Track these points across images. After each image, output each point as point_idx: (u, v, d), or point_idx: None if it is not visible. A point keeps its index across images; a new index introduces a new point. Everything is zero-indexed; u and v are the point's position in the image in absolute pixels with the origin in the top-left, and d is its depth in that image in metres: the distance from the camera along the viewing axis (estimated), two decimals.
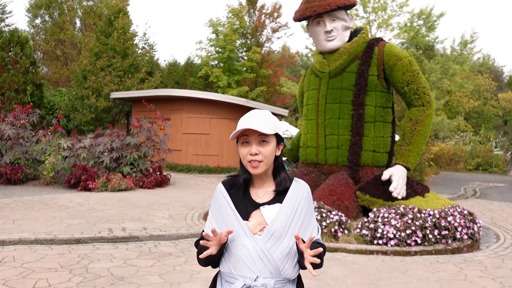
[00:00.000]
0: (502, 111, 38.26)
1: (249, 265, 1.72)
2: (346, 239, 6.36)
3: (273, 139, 1.83)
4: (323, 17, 7.52)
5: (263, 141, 1.80)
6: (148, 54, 24.03)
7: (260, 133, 1.79)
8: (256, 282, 1.70)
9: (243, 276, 1.72)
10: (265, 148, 1.79)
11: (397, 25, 21.79)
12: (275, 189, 1.86)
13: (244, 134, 1.81)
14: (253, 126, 1.76)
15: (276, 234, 1.73)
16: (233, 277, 1.74)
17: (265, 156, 1.79)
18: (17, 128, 12.85)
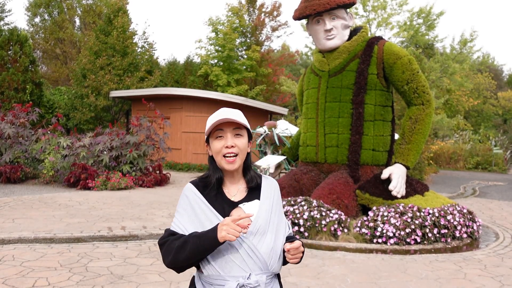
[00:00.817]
0: (502, 110, 38.27)
1: (239, 264, 1.69)
2: (346, 238, 6.36)
3: (246, 134, 1.84)
4: (323, 16, 7.52)
5: (238, 134, 1.81)
6: (147, 53, 24.00)
7: (236, 126, 1.80)
8: (250, 279, 1.68)
9: (234, 276, 1.68)
10: (240, 141, 1.80)
11: (397, 24, 21.77)
12: (246, 187, 1.85)
13: (218, 129, 1.80)
14: (230, 117, 1.77)
15: (260, 230, 1.73)
16: (222, 278, 1.69)
17: (241, 149, 1.79)
18: (17, 127, 12.85)
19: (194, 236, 1.68)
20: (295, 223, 6.47)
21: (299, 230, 6.43)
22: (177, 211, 1.81)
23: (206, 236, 1.66)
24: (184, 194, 1.81)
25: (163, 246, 1.74)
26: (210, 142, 1.85)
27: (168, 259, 1.71)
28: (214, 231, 1.65)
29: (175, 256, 1.69)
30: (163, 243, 1.74)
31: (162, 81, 24.23)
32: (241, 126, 1.82)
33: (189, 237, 1.69)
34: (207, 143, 1.87)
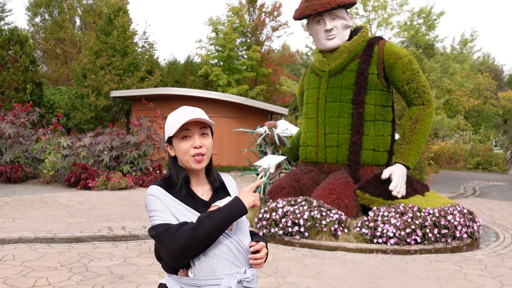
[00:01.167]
0: (502, 110, 38.26)
1: (232, 261, 1.68)
2: (346, 238, 6.36)
3: (210, 133, 1.83)
4: (323, 16, 7.52)
5: (204, 133, 1.78)
6: (148, 53, 24.00)
7: (202, 125, 1.77)
8: (246, 274, 1.69)
9: (228, 274, 1.66)
10: (207, 140, 1.78)
11: (397, 24, 21.77)
12: (211, 187, 1.85)
13: (184, 128, 1.74)
14: (197, 116, 1.73)
15: (240, 224, 1.74)
16: (216, 277, 1.65)
17: (208, 149, 1.78)
18: (17, 126, 12.86)
19: (212, 213, 1.63)
20: (295, 223, 6.48)
21: (299, 230, 6.43)
22: (154, 210, 1.68)
23: (231, 207, 1.65)
24: (153, 196, 1.71)
25: (164, 233, 1.62)
26: (173, 143, 1.78)
27: (178, 243, 1.59)
28: (237, 202, 1.66)
29: (191, 237, 1.59)
30: (164, 231, 1.62)
31: (162, 81, 24.23)
32: (206, 125, 1.79)
33: (202, 217, 1.63)
34: (169, 143, 1.81)
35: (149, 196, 1.72)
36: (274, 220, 6.63)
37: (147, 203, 1.73)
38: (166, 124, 1.79)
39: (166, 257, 1.64)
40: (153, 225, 1.67)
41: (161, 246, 1.63)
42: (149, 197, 1.72)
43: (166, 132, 1.79)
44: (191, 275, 1.68)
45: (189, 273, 1.69)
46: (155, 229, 1.65)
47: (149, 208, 1.71)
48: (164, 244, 1.62)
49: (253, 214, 7.36)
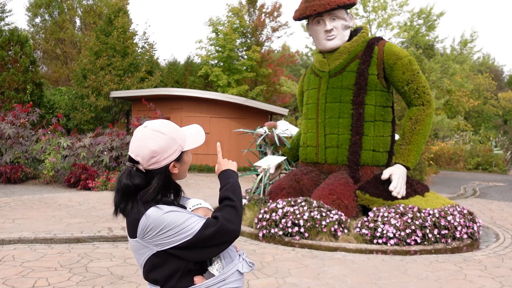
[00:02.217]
0: (502, 111, 38.25)
1: (234, 245, 1.83)
2: (346, 238, 6.36)
3: None
4: (323, 16, 7.52)
5: None
6: (148, 53, 24.02)
7: None
8: (244, 255, 1.86)
9: (237, 258, 1.81)
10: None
11: (397, 24, 21.76)
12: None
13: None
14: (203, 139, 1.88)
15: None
16: (234, 265, 1.78)
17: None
18: (17, 127, 12.86)
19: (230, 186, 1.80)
20: (295, 224, 6.47)
21: (299, 231, 6.42)
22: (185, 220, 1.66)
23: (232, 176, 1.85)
24: (170, 211, 1.67)
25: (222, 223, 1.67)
26: (184, 156, 1.81)
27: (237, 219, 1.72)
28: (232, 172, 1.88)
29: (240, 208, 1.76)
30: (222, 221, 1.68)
31: (162, 82, 24.24)
32: None
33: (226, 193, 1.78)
34: (177, 160, 1.77)
35: (168, 214, 1.65)
36: (274, 220, 6.62)
37: (167, 222, 1.63)
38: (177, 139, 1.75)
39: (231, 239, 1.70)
40: (204, 225, 1.65)
41: (224, 233, 1.67)
42: (168, 215, 1.65)
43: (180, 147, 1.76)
44: (217, 272, 1.73)
45: (214, 271, 1.73)
46: (210, 225, 1.66)
47: (176, 222, 1.64)
48: (227, 229, 1.67)
49: (253, 214, 7.35)
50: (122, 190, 1.71)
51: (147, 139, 1.70)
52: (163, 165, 1.72)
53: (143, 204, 1.68)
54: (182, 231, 1.63)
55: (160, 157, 1.71)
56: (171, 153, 1.72)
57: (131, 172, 1.72)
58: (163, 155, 1.71)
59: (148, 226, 1.64)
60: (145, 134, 1.72)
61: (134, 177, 1.71)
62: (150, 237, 1.65)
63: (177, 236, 1.63)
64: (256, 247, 6.04)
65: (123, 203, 1.72)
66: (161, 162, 1.71)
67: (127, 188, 1.70)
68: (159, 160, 1.71)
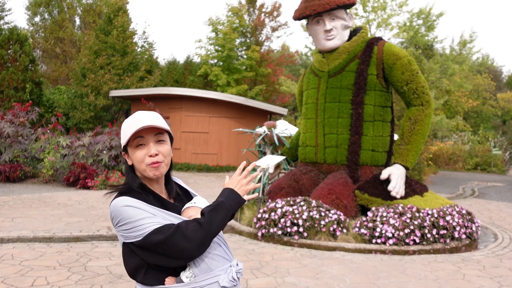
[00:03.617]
0: (501, 111, 38.28)
1: (223, 256, 1.69)
2: (345, 238, 6.37)
3: (168, 139, 1.75)
4: (323, 16, 7.53)
5: (160, 140, 1.70)
6: (147, 53, 24.00)
7: (157, 131, 1.69)
8: (239, 266, 1.70)
9: (222, 269, 1.66)
10: (163, 147, 1.70)
11: (397, 25, 21.79)
12: (170, 195, 1.80)
13: (137, 136, 1.67)
14: (150, 123, 1.65)
15: None
16: (213, 275, 1.64)
17: (165, 155, 1.70)
18: (16, 126, 12.85)
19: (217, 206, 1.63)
20: (294, 223, 6.48)
21: (298, 230, 6.43)
22: (140, 218, 1.58)
23: (231, 198, 1.66)
24: (129, 206, 1.61)
25: (176, 234, 1.56)
26: (129, 151, 1.70)
27: (196, 239, 1.56)
28: (233, 193, 1.67)
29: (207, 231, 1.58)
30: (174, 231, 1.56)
31: (161, 81, 24.23)
32: (162, 131, 1.71)
33: (208, 211, 1.62)
34: (125, 151, 1.72)
35: (124, 208, 1.60)
36: (273, 220, 6.63)
37: (123, 215, 1.59)
38: (121, 132, 1.71)
39: (181, 257, 1.58)
40: (153, 230, 1.56)
41: (173, 247, 1.56)
42: (124, 209, 1.60)
43: (121, 140, 1.70)
44: (187, 280, 1.63)
45: (183, 278, 1.64)
46: (160, 232, 1.56)
47: (131, 219, 1.58)
48: (177, 244, 1.55)
49: (252, 214, 7.36)
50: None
51: None
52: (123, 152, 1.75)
53: (118, 193, 1.69)
54: (135, 229, 1.59)
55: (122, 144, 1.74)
56: (122, 142, 1.71)
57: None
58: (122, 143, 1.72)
59: (111, 214, 1.64)
60: None
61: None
62: (115, 226, 1.65)
63: (131, 233, 1.60)
64: (255, 247, 6.05)
65: None
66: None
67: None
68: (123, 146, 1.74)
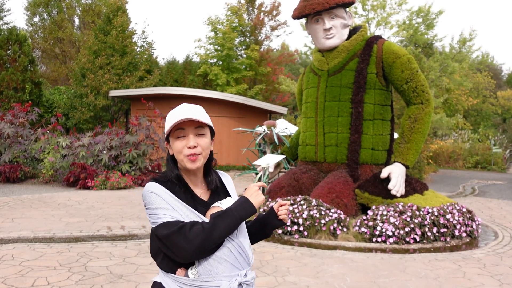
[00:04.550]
0: (501, 109, 38.29)
1: (233, 263, 1.67)
2: (345, 237, 6.36)
3: (209, 132, 1.78)
4: (322, 15, 7.52)
5: (200, 134, 1.73)
6: (146, 52, 23.98)
7: (198, 124, 1.72)
8: (247, 277, 1.68)
9: (228, 276, 1.64)
10: (203, 140, 1.73)
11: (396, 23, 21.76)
12: (208, 186, 1.82)
13: (178, 128, 1.71)
14: (192, 116, 1.68)
15: (241, 227, 1.72)
16: (217, 279, 1.63)
17: (203, 148, 1.73)
18: (16, 126, 12.84)
19: (225, 213, 1.64)
20: (294, 222, 6.48)
21: (299, 229, 6.43)
22: (159, 208, 1.64)
23: (242, 207, 1.66)
24: (153, 193, 1.67)
25: (178, 232, 1.59)
26: (170, 141, 1.76)
27: (194, 243, 1.57)
28: (246, 202, 1.68)
29: (207, 237, 1.58)
30: (177, 229, 1.59)
31: (161, 81, 24.22)
32: (203, 125, 1.74)
33: (215, 217, 1.62)
34: (167, 141, 1.78)
35: (150, 194, 1.67)
36: None
37: (147, 200, 1.68)
38: (166, 121, 1.76)
39: (178, 255, 1.61)
40: (163, 223, 1.62)
41: (173, 244, 1.59)
42: (150, 195, 1.67)
43: (165, 129, 1.77)
44: (192, 276, 1.66)
45: (189, 274, 1.67)
46: (166, 227, 1.60)
47: (152, 205, 1.66)
48: (176, 243, 1.59)
49: None
50: None
51: None
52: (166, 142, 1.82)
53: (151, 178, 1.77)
54: (153, 216, 1.66)
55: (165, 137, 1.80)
56: (165, 133, 1.77)
57: None
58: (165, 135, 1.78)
59: (142, 196, 1.72)
60: None
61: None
62: (145, 208, 1.72)
63: (151, 219, 1.68)
64: (255, 246, 6.04)
65: None
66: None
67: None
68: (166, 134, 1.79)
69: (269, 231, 1.88)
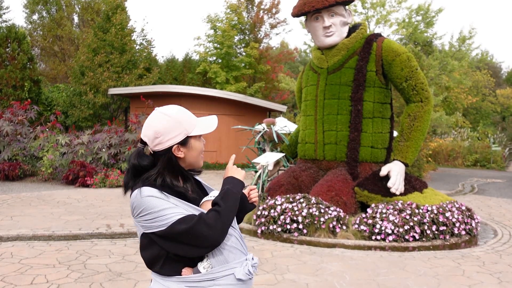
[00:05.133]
0: (500, 107, 38.31)
1: (240, 249, 1.75)
2: (344, 235, 6.36)
3: None
4: (322, 13, 7.50)
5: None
6: (146, 50, 23.94)
7: None
8: (254, 260, 1.77)
9: (239, 262, 1.72)
10: None
11: (396, 21, 21.75)
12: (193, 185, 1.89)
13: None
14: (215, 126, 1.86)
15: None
16: (230, 267, 1.69)
17: None
18: (15, 124, 12.83)
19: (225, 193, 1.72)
20: (293, 220, 6.48)
21: (298, 227, 6.43)
22: (164, 208, 1.64)
23: (234, 183, 1.76)
24: (153, 196, 1.66)
25: (198, 223, 1.62)
26: (192, 142, 1.79)
27: (218, 227, 1.63)
28: (234, 179, 1.78)
29: (226, 218, 1.66)
30: (197, 221, 1.62)
31: (160, 79, 24.19)
32: None
33: (219, 200, 1.70)
34: (182, 144, 1.77)
35: (149, 198, 1.65)
36: (273, 217, 6.63)
37: (146, 205, 1.65)
38: (183, 123, 1.77)
39: (203, 245, 1.64)
40: (177, 220, 1.62)
41: (196, 236, 1.62)
42: (149, 199, 1.65)
43: (185, 131, 1.76)
44: (204, 270, 1.68)
45: (201, 269, 1.68)
46: (184, 222, 1.62)
47: (154, 209, 1.64)
48: (201, 233, 1.62)
49: (251, 211, 7.35)
50: (131, 169, 1.77)
51: (153, 120, 1.77)
52: (166, 147, 1.74)
53: (141, 184, 1.71)
54: (158, 219, 1.64)
55: (163, 138, 1.73)
56: (174, 135, 1.74)
57: (140, 153, 1.77)
58: (166, 136, 1.74)
59: (132, 205, 1.70)
60: (152, 115, 1.79)
61: (142, 158, 1.76)
62: (136, 217, 1.69)
63: (154, 223, 1.65)
64: (254, 244, 6.04)
65: (131, 182, 1.77)
66: (164, 144, 1.74)
67: (135, 168, 1.75)
68: (162, 141, 1.73)
69: (242, 215, 1.96)
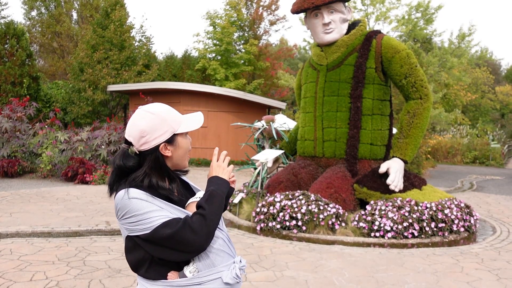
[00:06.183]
0: (500, 105, 38.33)
1: (228, 252, 1.71)
2: (343, 232, 6.37)
3: None
4: (321, 10, 7.49)
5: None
6: (145, 47, 23.90)
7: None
8: (242, 262, 1.73)
9: (226, 265, 1.68)
10: None
11: (395, 18, 21.71)
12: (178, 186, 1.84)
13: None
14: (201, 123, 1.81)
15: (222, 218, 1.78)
16: (217, 271, 1.65)
17: None
18: (14, 121, 12.81)
19: (210, 196, 1.66)
20: (293, 217, 6.48)
21: (297, 224, 6.44)
22: (149, 211, 1.59)
23: (219, 185, 1.71)
24: (137, 198, 1.61)
25: (183, 227, 1.57)
26: (178, 140, 1.73)
27: (204, 231, 1.58)
28: (220, 179, 1.72)
29: (211, 221, 1.61)
30: (182, 225, 1.57)
31: (159, 75, 24.16)
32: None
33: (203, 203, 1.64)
34: (169, 142, 1.71)
35: (133, 200, 1.60)
36: (272, 214, 6.63)
37: (130, 207, 1.59)
38: (168, 120, 1.70)
39: (187, 251, 1.59)
40: (161, 224, 1.57)
41: (180, 241, 1.57)
42: (133, 201, 1.60)
43: (172, 129, 1.71)
44: (190, 274, 1.64)
45: (187, 273, 1.64)
46: (168, 226, 1.57)
47: (138, 211, 1.59)
48: (185, 238, 1.57)
49: (251, 208, 7.36)
50: (116, 171, 1.71)
51: (138, 119, 1.70)
52: (152, 146, 1.68)
53: (127, 185, 1.65)
54: (142, 222, 1.59)
55: (149, 137, 1.67)
56: (161, 133, 1.69)
57: (125, 154, 1.71)
58: (152, 135, 1.68)
59: (116, 206, 1.64)
60: (136, 114, 1.72)
61: (127, 159, 1.70)
62: (120, 219, 1.65)
63: (138, 226, 1.60)
64: (254, 241, 6.05)
65: (116, 184, 1.71)
66: (151, 143, 1.68)
67: (120, 169, 1.70)
68: (149, 140, 1.67)
69: (226, 202, 1.87)
